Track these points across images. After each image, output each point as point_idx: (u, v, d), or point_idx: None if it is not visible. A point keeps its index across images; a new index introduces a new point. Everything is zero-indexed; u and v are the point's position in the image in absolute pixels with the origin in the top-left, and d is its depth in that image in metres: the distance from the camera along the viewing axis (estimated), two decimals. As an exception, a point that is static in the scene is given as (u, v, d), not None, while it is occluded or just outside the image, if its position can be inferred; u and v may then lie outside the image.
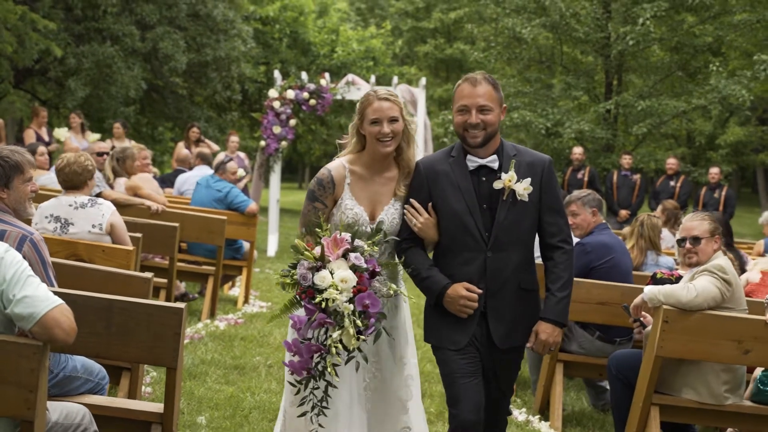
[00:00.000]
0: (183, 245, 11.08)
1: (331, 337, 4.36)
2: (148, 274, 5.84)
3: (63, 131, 16.37)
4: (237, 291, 12.38)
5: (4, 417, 3.86)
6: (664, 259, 8.54)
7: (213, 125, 26.36)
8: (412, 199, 4.86)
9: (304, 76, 17.14)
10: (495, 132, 4.80)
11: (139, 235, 7.78)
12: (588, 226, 7.81)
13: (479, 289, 4.72)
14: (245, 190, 15.82)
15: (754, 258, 9.37)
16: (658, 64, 24.60)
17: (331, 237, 4.49)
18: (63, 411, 4.24)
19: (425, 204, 4.83)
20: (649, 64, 24.55)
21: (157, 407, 5.03)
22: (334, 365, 4.40)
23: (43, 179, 10.96)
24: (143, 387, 6.88)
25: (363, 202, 4.91)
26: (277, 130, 16.69)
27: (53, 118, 24.04)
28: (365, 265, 4.48)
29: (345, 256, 4.47)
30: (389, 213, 4.91)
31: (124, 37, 22.66)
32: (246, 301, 11.63)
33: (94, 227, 7.33)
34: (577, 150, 18.38)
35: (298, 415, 4.65)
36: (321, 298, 4.35)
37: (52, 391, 4.90)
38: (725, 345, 5.95)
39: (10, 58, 19.96)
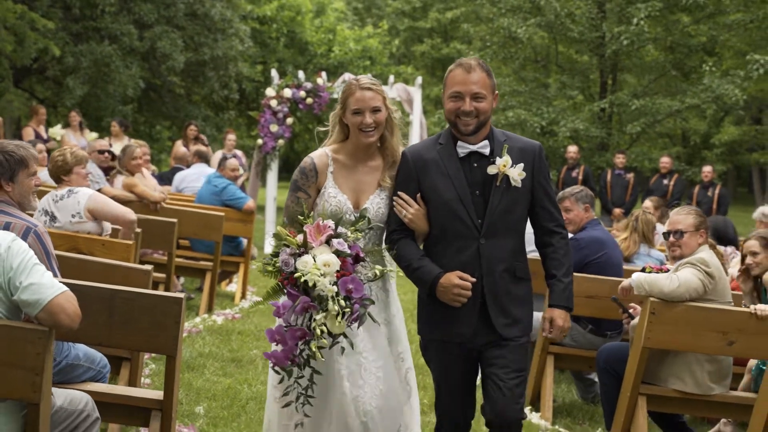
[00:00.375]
0: (186, 242, 11.24)
1: (315, 320, 4.26)
2: (148, 267, 5.99)
3: (58, 129, 16.50)
4: (234, 287, 12.52)
5: (12, 400, 4.01)
6: (656, 253, 8.71)
7: (210, 124, 26.49)
8: (400, 192, 4.76)
9: (301, 75, 17.28)
10: (487, 119, 4.71)
11: (138, 230, 7.92)
12: (581, 222, 7.96)
13: (473, 278, 4.60)
14: (242, 188, 15.97)
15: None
16: (652, 64, 24.79)
17: (314, 224, 4.41)
18: (67, 397, 4.39)
19: (414, 194, 4.73)
20: (644, 64, 24.74)
21: (157, 395, 5.18)
22: (320, 348, 4.30)
23: (41, 176, 11.08)
24: (142, 379, 7.02)
25: (346, 190, 4.81)
26: (274, 128, 16.83)
27: (51, 116, 24.16)
28: (348, 251, 4.38)
29: (328, 243, 4.37)
30: (374, 203, 4.82)
31: (122, 37, 22.80)
32: (243, 296, 11.78)
33: (73, 217, 7.42)
34: (572, 149, 18.55)
35: (282, 405, 4.57)
36: (303, 277, 4.25)
37: (56, 378, 5.03)
38: (710, 336, 6.10)
39: (9, 57, 20.09)
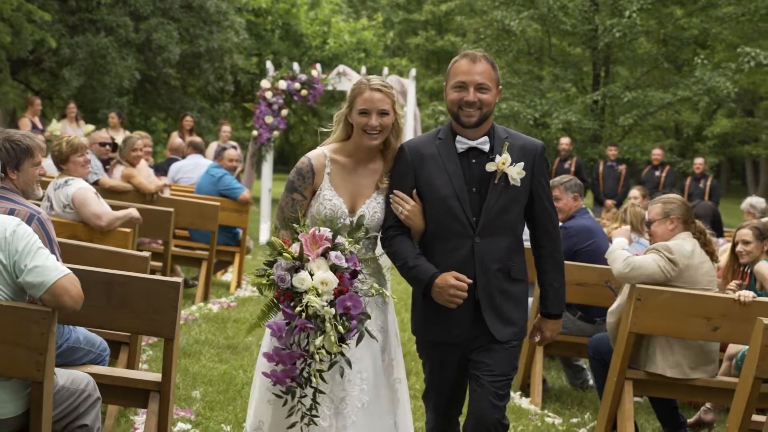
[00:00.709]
0: (184, 232, 11.40)
1: (314, 343, 4.16)
2: (146, 253, 6.15)
3: (56, 125, 16.63)
4: (229, 276, 12.67)
5: (16, 378, 4.17)
6: (645, 241, 8.89)
7: (206, 116, 26.58)
8: (396, 190, 4.63)
9: (296, 67, 17.40)
10: (490, 113, 4.58)
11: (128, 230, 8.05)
12: (570, 210, 8.13)
13: (468, 279, 4.47)
14: (238, 179, 16.10)
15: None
16: (644, 56, 24.95)
17: (309, 233, 4.27)
18: (69, 377, 4.54)
19: (410, 189, 4.61)
20: (636, 56, 24.90)
21: (155, 377, 5.34)
22: (319, 371, 4.22)
23: (44, 165, 11.22)
24: (140, 365, 7.17)
25: (343, 193, 4.66)
26: (269, 120, 16.95)
27: (47, 108, 24.25)
28: (346, 265, 4.25)
29: (324, 255, 4.25)
30: (371, 207, 4.67)
31: (117, 28, 22.87)
32: (239, 285, 11.92)
33: (65, 207, 7.57)
34: (564, 140, 18.72)
35: (288, 426, 4.40)
36: (301, 307, 4.15)
37: (57, 361, 5.15)
38: (695, 322, 6.26)
39: (6, 49, 20.19)
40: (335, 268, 4.22)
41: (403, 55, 41.69)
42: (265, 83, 17.12)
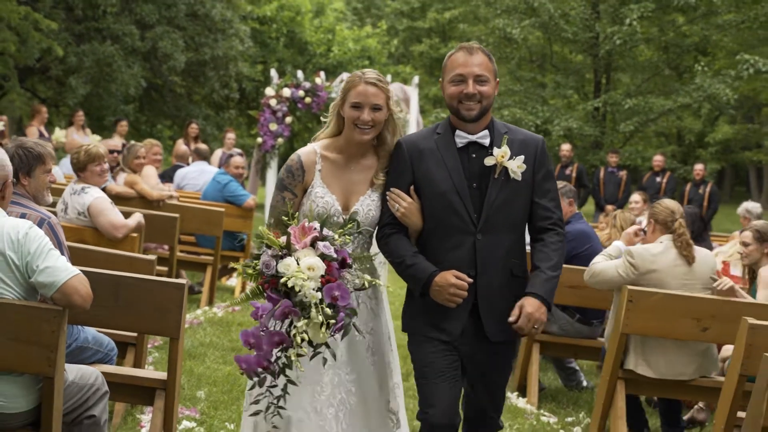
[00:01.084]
0: (190, 238, 11.61)
1: (296, 327, 4.01)
2: (152, 256, 6.35)
3: (61, 134, 16.85)
4: (234, 281, 12.85)
5: (29, 374, 4.37)
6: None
7: (211, 123, 26.81)
8: (393, 187, 4.49)
9: (300, 74, 17.60)
10: (490, 106, 4.46)
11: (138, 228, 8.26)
12: (565, 216, 8.32)
13: (469, 278, 4.34)
14: (243, 186, 16.31)
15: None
16: (645, 64, 25.15)
17: (299, 225, 4.17)
18: (78, 372, 4.74)
19: (408, 185, 4.48)
20: (637, 64, 25.10)
21: (161, 375, 5.54)
22: (299, 355, 4.04)
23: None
24: (146, 366, 7.36)
25: (336, 190, 4.52)
26: (273, 127, 17.14)
27: (53, 116, 24.49)
28: (335, 255, 4.12)
29: (313, 245, 4.13)
30: (365, 204, 4.53)
31: (123, 37, 23.11)
32: (243, 290, 12.08)
33: (80, 214, 7.77)
34: (565, 147, 18.91)
35: (249, 414, 4.34)
36: (287, 278, 4.00)
37: (66, 360, 5.35)
38: (685, 323, 6.44)
39: (14, 57, 20.43)
40: (323, 257, 4.08)
41: (407, 63, 41.90)
42: (269, 91, 17.32)
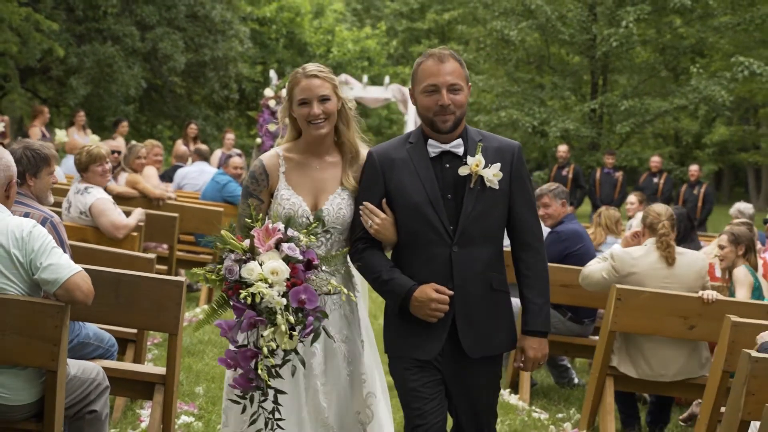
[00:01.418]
0: (190, 237, 11.76)
1: (262, 336, 3.84)
2: (152, 255, 6.51)
3: (63, 134, 17.00)
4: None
5: (32, 367, 4.53)
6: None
7: (211, 123, 27.00)
8: (365, 201, 4.29)
9: (299, 75, 17.73)
10: (464, 114, 4.26)
11: (141, 224, 8.43)
12: (559, 216, 8.47)
13: (449, 291, 4.15)
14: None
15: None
16: (642, 65, 25.31)
17: (262, 227, 3.99)
18: (80, 367, 4.90)
19: (380, 198, 4.28)
20: (633, 65, 25.27)
21: (161, 370, 5.70)
22: (272, 367, 3.88)
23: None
24: (145, 363, 7.51)
25: (303, 191, 4.36)
26: (272, 128, 17.33)
27: (54, 116, 24.66)
28: (300, 256, 3.94)
29: (278, 247, 3.95)
30: (335, 203, 4.34)
31: (124, 38, 23.30)
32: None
33: (81, 214, 7.93)
34: (562, 148, 19.09)
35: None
36: (247, 292, 3.83)
37: (68, 355, 5.52)
38: (672, 321, 6.61)
39: (15, 58, 20.59)
40: (288, 260, 3.91)
41: (406, 64, 42.02)
42: (268, 92, 17.52)
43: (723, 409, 5.77)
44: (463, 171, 4.18)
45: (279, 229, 3.96)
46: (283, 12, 31.84)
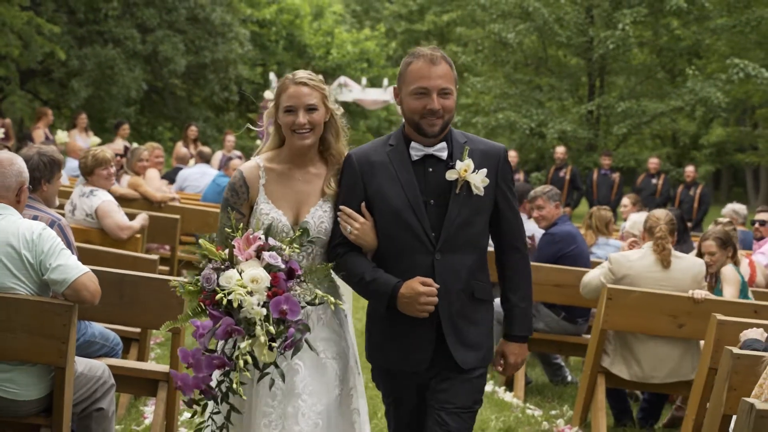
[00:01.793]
0: (191, 238, 11.93)
1: (239, 348, 3.62)
2: (154, 256, 6.69)
3: (63, 136, 17.15)
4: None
5: (42, 364, 4.73)
6: (614, 242, 9.46)
7: (211, 125, 27.18)
8: (343, 206, 4.10)
9: (299, 77, 17.89)
10: (452, 119, 4.09)
11: (144, 227, 8.60)
12: (552, 218, 8.63)
13: (436, 283, 3.97)
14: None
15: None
16: (639, 67, 25.48)
17: (242, 236, 3.81)
18: (87, 365, 5.08)
19: (359, 202, 4.10)
20: (630, 67, 25.44)
21: (164, 368, 5.90)
22: (242, 383, 3.68)
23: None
24: (149, 361, 7.68)
25: (283, 204, 4.14)
26: (272, 130, 17.45)
27: (55, 118, 24.80)
28: (282, 265, 3.75)
29: (258, 256, 3.76)
30: (316, 216, 4.12)
31: (125, 40, 23.48)
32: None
33: (87, 216, 8.11)
34: (560, 149, 19.26)
35: None
36: (224, 293, 3.65)
37: (75, 353, 5.71)
38: (662, 319, 6.78)
39: (16, 61, 20.76)
40: (269, 268, 3.73)
41: (405, 65, 42.05)
42: (267, 94, 17.66)
43: (709, 404, 5.96)
44: (451, 176, 4.01)
45: (259, 237, 3.78)
46: (282, 14, 32.02)
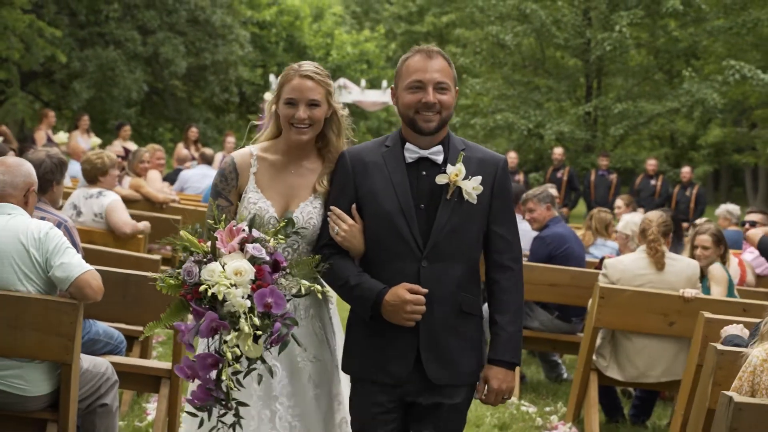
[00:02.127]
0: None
1: (225, 342, 3.50)
2: (156, 256, 6.85)
3: (63, 136, 17.29)
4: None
5: (48, 361, 4.89)
6: (612, 243, 9.62)
7: (211, 126, 27.33)
8: (333, 207, 3.95)
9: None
10: (449, 117, 3.93)
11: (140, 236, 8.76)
12: (544, 220, 8.78)
13: (423, 289, 3.80)
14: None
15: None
16: (636, 68, 25.63)
17: (226, 228, 3.66)
18: (92, 362, 5.25)
19: (350, 203, 3.94)
20: (627, 69, 25.58)
21: (166, 365, 6.05)
22: (235, 373, 3.56)
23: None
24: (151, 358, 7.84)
25: (273, 195, 4.02)
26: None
27: (57, 119, 24.94)
28: (266, 257, 3.61)
29: (242, 249, 3.62)
30: (305, 211, 4.00)
31: (126, 42, 23.62)
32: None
33: (96, 216, 8.29)
34: (557, 150, 19.40)
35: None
36: (207, 285, 3.52)
37: (80, 350, 5.88)
38: (653, 318, 6.95)
39: (18, 64, 20.91)
40: (254, 261, 3.60)
41: (405, 66, 42.14)
42: (267, 96, 17.77)
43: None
44: (440, 180, 3.85)
45: (243, 229, 3.64)
46: (282, 15, 32.16)
